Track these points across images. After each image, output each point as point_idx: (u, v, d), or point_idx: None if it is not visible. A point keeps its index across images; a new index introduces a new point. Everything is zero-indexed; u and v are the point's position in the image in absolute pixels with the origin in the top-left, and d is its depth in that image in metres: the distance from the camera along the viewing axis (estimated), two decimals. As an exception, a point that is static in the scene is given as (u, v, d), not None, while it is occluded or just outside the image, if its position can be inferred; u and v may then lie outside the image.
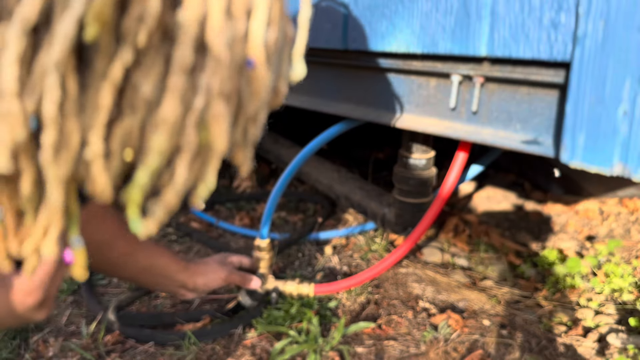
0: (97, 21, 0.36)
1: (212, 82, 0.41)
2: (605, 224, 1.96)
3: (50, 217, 0.44)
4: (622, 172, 0.67)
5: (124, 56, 0.38)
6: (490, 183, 2.39)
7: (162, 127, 0.41)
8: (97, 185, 0.41)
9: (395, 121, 1.07)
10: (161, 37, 0.40)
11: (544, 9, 0.72)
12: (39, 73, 0.37)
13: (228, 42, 0.41)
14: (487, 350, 1.16)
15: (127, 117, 0.40)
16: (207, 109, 0.42)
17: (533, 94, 0.80)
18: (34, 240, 0.46)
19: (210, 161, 0.45)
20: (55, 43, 0.36)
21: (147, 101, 0.40)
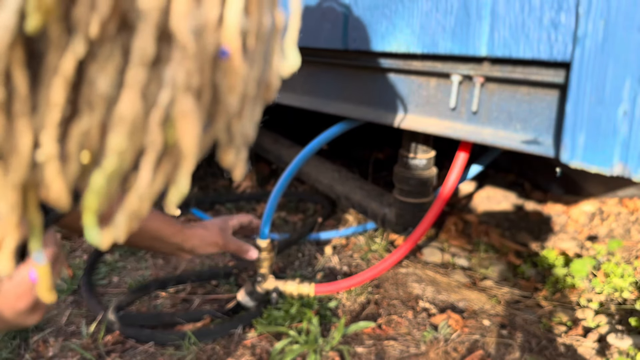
0: (40, 10, 0.32)
1: (178, 75, 0.37)
2: (606, 224, 1.96)
3: (3, 229, 0.39)
4: (622, 172, 0.67)
5: (76, 48, 0.34)
6: (491, 183, 2.39)
7: (120, 126, 0.36)
8: (52, 191, 0.37)
9: (395, 121, 1.07)
10: (118, 26, 0.35)
11: (544, 9, 0.72)
12: None
13: (196, 29, 0.37)
14: (487, 350, 1.16)
15: (83, 115, 0.36)
16: (172, 105, 0.37)
17: (533, 94, 0.80)
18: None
19: (181, 163, 0.40)
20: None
21: (104, 98, 0.36)
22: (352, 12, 1.07)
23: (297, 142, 2.00)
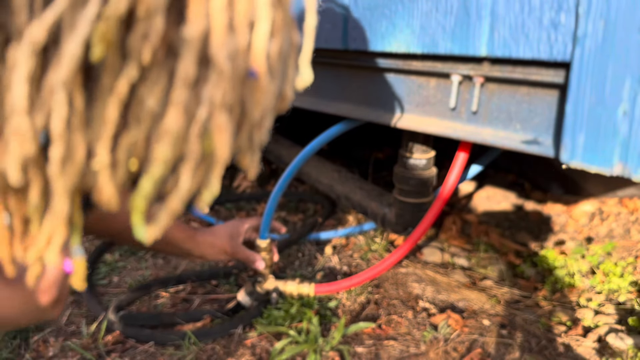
0: (103, 42, 0.38)
1: (215, 94, 0.42)
2: (605, 224, 1.97)
3: (54, 226, 0.45)
4: (622, 172, 0.67)
5: (130, 72, 0.39)
6: (490, 183, 2.39)
7: (165, 138, 0.42)
8: (104, 194, 0.43)
9: (395, 121, 1.07)
10: (165, 52, 0.41)
11: (544, 9, 0.72)
12: (48, 91, 0.39)
13: (230, 54, 0.42)
14: (486, 350, 1.16)
15: (132, 129, 0.42)
16: (210, 120, 0.43)
17: (533, 94, 0.80)
18: (38, 248, 0.47)
19: (213, 168, 0.46)
20: (63, 63, 0.38)
21: (151, 114, 0.41)
22: (352, 12, 1.07)
23: (297, 142, 2.00)
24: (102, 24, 0.37)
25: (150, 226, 0.45)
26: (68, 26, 0.37)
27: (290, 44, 0.50)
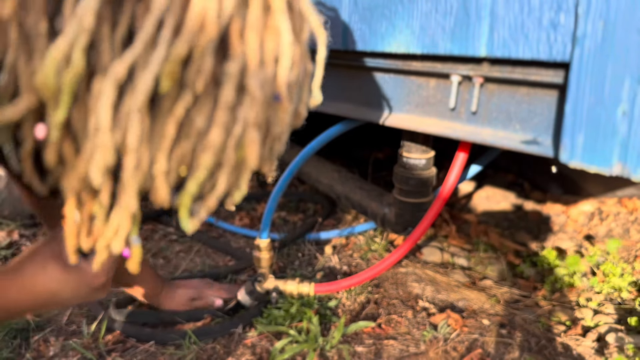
0: (169, 77, 0.49)
1: (248, 115, 0.53)
2: (605, 223, 1.97)
3: (122, 220, 0.56)
4: (621, 172, 0.67)
5: (186, 99, 0.51)
6: (490, 183, 2.39)
7: (209, 150, 0.53)
8: (159, 194, 0.54)
9: (395, 121, 1.07)
10: (212, 83, 0.51)
11: (543, 10, 0.72)
12: (125, 114, 0.49)
13: (261, 83, 0.53)
14: (486, 350, 1.16)
15: (183, 142, 0.52)
16: (243, 135, 0.54)
17: (532, 94, 0.80)
18: (107, 238, 0.58)
19: (244, 174, 0.58)
20: (138, 93, 0.48)
21: (199, 130, 0.52)
22: (351, 12, 1.07)
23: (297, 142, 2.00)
24: (168, 64, 0.48)
25: (192, 219, 0.57)
26: (142, 65, 0.48)
27: (305, 72, 0.61)
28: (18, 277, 0.74)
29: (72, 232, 0.62)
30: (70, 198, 0.57)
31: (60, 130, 0.51)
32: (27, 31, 0.49)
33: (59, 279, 0.75)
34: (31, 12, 0.49)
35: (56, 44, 0.47)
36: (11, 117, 0.51)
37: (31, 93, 0.50)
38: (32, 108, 0.52)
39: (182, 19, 0.48)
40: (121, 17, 0.48)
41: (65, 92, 0.48)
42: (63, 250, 0.76)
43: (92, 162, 0.51)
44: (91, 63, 0.48)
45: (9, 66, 0.51)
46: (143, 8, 0.48)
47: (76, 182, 0.54)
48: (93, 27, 0.47)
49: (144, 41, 0.48)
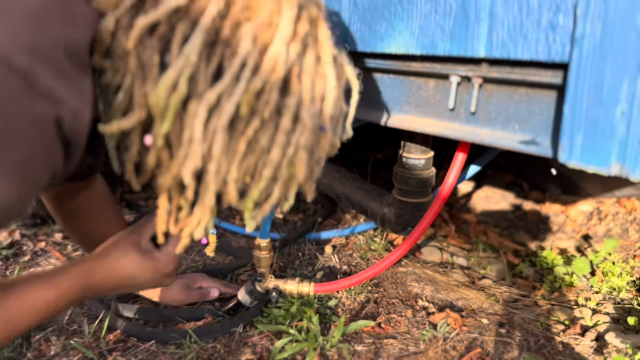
0: (247, 105, 0.63)
1: (300, 140, 0.68)
2: (603, 223, 1.98)
3: (204, 213, 0.71)
4: (620, 172, 0.68)
5: (255, 123, 0.65)
6: (489, 183, 2.40)
7: (270, 165, 0.67)
8: (230, 196, 0.69)
9: (394, 122, 1.07)
10: (275, 112, 0.66)
11: (542, 11, 0.73)
12: (212, 131, 0.63)
13: (311, 116, 0.68)
14: (485, 349, 1.16)
15: (249, 157, 0.67)
16: (295, 155, 0.68)
17: (531, 95, 0.81)
18: (191, 227, 0.74)
19: (292, 187, 0.72)
20: (223, 115, 0.63)
21: (262, 149, 0.67)
22: (351, 13, 1.07)
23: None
24: (247, 95, 0.63)
25: (252, 223, 0.74)
26: (227, 94, 0.62)
27: (341, 110, 0.76)
28: (104, 261, 0.88)
29: (164, 219, 0.76)
30: (162, 193, 0.71)
31: (163, 139, 0.65)
32: (143, 62, 0.63)
33: (138, 265, 0.90)
34: (147, 48, 0.63)
35: (167, 74, 0.61)
36: (126, 126, 0.66)
37: (142, 109, 0.65)
38: (141, 121, 0.66)
39: (259, 62, 0.63)
40: (214, 56, 0.62)
41: (171, 111, 0.63)
42: (141, 240, 0.92)
43: (184, 165, 0.65)
44: (189, 89, 0.62)
45: (125, 87, 0.66)
46: (231, 51, 0.63)
47: (170, 181, 0.69)
48: (196, 62, 0.61)
49: (230, 76, 0.62)
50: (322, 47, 0.70)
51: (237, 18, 0.63)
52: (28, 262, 1.68)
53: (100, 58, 0.68)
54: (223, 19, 0.62)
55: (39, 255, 1.74)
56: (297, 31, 0.66)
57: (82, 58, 0.65)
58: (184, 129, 0.64)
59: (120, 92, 0.67)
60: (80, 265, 0.86)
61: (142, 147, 0.69)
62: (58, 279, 0.82)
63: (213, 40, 0.62)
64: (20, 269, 1.60)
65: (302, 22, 0.66)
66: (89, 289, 0.86)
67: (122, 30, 0.65)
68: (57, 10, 0.61)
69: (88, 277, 0.85)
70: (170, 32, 0.62)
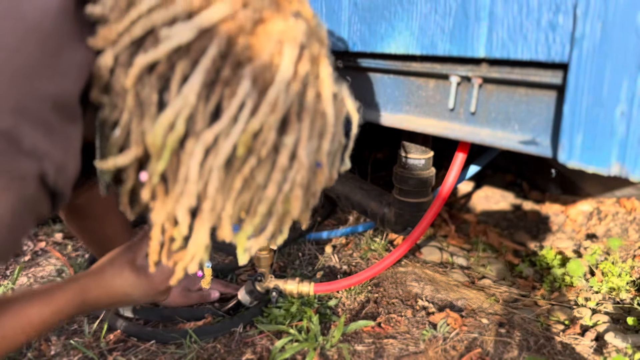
0: (244, 146, 0.63)
1: (297, 177, 0.67)
2: (603, 223, 1.98)
3: (197, 249, 0.71)
4: (620, 172, 0.68)
5: (252, 162, 0.64)
6: (489, 183, 2.40)
7: (265, 201, 0.67)
8: (224, 232, 0.68)
9: (394, 121, 1.07)
10: (272, 150, 0.65)
11: (542, 11, 0.73)
12: (207, 170, 0.63)
13: (309, 154, 0.67)
14: (485, 349, 1.17)
15: (245, 193, 0.66)
16: (290, 192, 0.68)
17: (531, 95, 0.81)
18: (185, 262, 0.74)
19: (286, 222, 0.72)
20: (220, 155, 0.62)
21: (258, 185, 0.66)
22: (351, 13, 1.07)
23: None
24: (244, 135, 0.62)
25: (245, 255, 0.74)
26: (225, 135, 0.62)
27: (339, 144, 0.76)
28: (100, 278, 0.90)
29: (156, 250, 0.76)
30: (156, 225, 0.71)
31: (159, 177, 0.65)
32: (142, 100, 0.63)
33: (133, 283, 0.91)
34: (146, 86, 0.62)
35: (165, 113, 0.61)
36: (122, 163, 0.66)
37: (139, 146, 0.65)
38: (138, 157, 0.66)
39: (258, 103, 0.63)
40: (213, 95, 0.62)
41: (167, 150, 0.63)
42: (136, 258, 0.93)
43: (179, 203, 0.65)
44: (187, 128, 0.62)
45: (123, 124, 0.66)
46: (230, 91, 0.62)
47: (164, 216, 0.69)
48: (194, 104, 0.61)
49: (228, 117, 0.62)
50: (322, 84, 0.69)
51: (238, 58, 0.62)
52: (28, 262, 1.68)
53: (98, 93, 0.67)
54: (224, 59, 0.62)
55: (39, 255, 1.74)
56: (298, 71, 0.65)
57: (71, 108, 0.65)
58: (180, 166, 0.64)
59: (117, 128, 0.67)
60: (76, 283, 0.87)
61: (137, 182, 0.69)
62: (54, 296, 0.83)
63: (213, 80, 0.62)
64: (20, 269, 1.60)
65: (303, 61, 0.66)
66: (84, 305, 0.87)
67: (120, 66, 0.64)
68: (44, 64, 0.61)
69: (84, 294, 0.86)
70: (170, 71, 0.62)
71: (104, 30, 0.64)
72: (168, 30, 0.61)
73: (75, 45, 0.64)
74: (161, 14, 0.62)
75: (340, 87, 0.75)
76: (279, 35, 0.64)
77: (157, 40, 0.62)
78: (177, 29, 0.61)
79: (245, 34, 0.63)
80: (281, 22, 0.65)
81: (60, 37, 0.63)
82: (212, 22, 0.61)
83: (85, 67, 0.65)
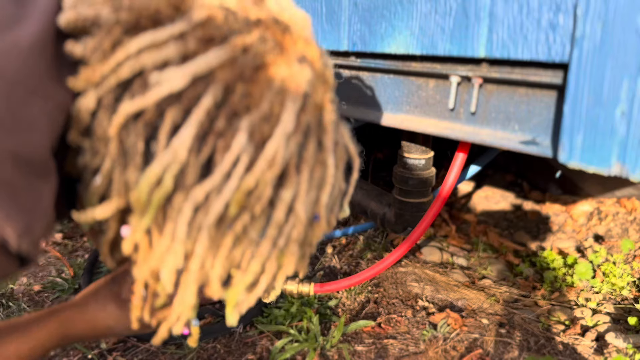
0: (237, 204, 0.57)
1: (293, 233, 0.62)
2: (604, 223, 1.97)
3: (183, 309, 0.66)
4: (620, 172, 0.68)
5: (245, 218, 0.59)
6: (489, 183, 2.40)
7: (258, 258, 0.62)
8: (213, 290, 0.63)
9: (394, 122, 1.07)
10: (268, 205, 0.60)
11: (542, 11, 0.73)
12: (196, 228, 0.58)
13: (307, 208, 0.62)
14: (486, 349, 1.16)
15: (236, 250, 0.61)
16: (285, 248, 0.63)
17: (531, 95, 0.81)
18: (170, 322, 0.68)
19: (280, 277, 0.66)
20: (210, 214, 0.57)
21: (252, 242, 0.61)
22: (351, 13, 1.07)
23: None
24: (238, 193, 0.57)
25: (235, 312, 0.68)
26: (216, 192, 0.57)
27: (339, 191, 0.70)
28: (83, 311, 0.86)
29: (138, 307, 0.72)
30: (138, 281, 0.66)
31: (142, 232, 0.60)
32: (126, 148, 0.58)
33: (117, 317, 0.86)
34: (132, 134, 0.57)
35: (152, 168, 0.56)
36: (101, 216, 0.61)
37: (121, 198, 0.59)
38: (119, 209, 0.60)
39: (255, 158, 0.57)
40: (205, 147, 0.56)
41: (153, 207, 0.57)
42: (121, 291, 0.88)
43: (164, 262, 0.61)
44: (175, 183, 0.57)
45: (104, 172, 0.60)
46: (224, 144, 0.56)
47: (147, 272, 0.63)
48: (185, 160, 0.56)
49: (221, 174, 0.56)
50: (325, 134, 0.64)
51: (235, 107, 0.57)
52: (28, 262, 1.68)
53: (78, 136, 0.61)
54: (219, 108, 0.56)
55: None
56: (300, 123, 0.60)
57: (39, 162, 0.58)
58: (167, 221, 0.59)
59: (98, 175, 0.61)
60: (57, 315, 0.82)
61: (118, 235, 0.64)
62: (33, 331, 0.78)
63: (206, 131, 0.56)
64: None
65: (306, 112, 0.61)
66: (66, 338, 0.83)
67: (103, 109, 0.58)
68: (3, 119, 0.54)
69: (65, 328, 0.82)
70: (159, 119, 0.56)
71: (87, 71, 0.59)
72: (159, 75, 0.55)
73: (49, 89, 0.58)
74: (152, 56, 0.56)
75: (343, 133, 0.70)
76: (282, 83, 0.59)
77: (145, 84, 0.56)
78: (169, 74, 0.55)
79: (245, 81, 0.58)
80: (284, 68, 0.60)
81: (28, 84, 0.56)
82: (208, 68, 0.56)
83: (62, 111, 0.60)
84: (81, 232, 1.92)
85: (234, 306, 0.67)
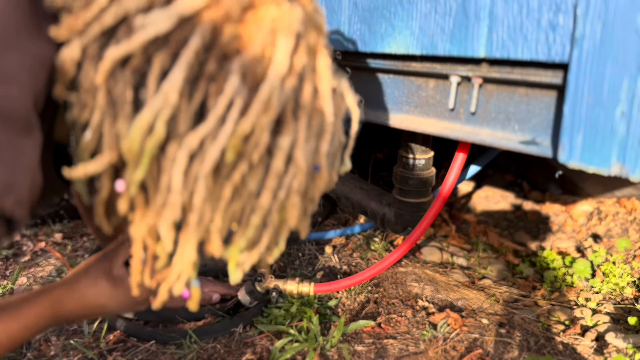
0: (233, 150, 0.55)
1: (294, 183, 0.60)
2: (604, 223, 1.97)
3: (184, 267, 0.63)
4: (620, 172, 0.68)
5: (243, 167, 0.57)
6: (489, 183, 2.40)
7: (258, 211, 0.60)
8: (213, 246, 0.61)
9: (394, 122, 1.07)
10: (266, 153, 0.58)
11: (542, 11, 0.73)
12: (193, 178, 0.55)
13: (306, 156, 0.60)
14: (486, 349, 1.16)
15: (236, 203, 0.59)
16: (287, 199, 0.61)
17: (531, 95, 0.81)
18: (169, 282, 0.65)
19: (283, 233, 0.65)
20: (206, 162, 0.54)
21: (251, 193, 0.59)
22: (351, 13, 1.07)
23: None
24: (234, 139, 0.54)
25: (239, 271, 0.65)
26: (211, 138, 0.54)
27: (339, 143, 0.68)
28: (74, 289, 0.82)
29: (138, 270, 0.68)
30: (136, 241, 0.63)
31: (137, 186, 0.57)
32: (114, 98, 0.55)
33: (109, 294, 0.83)
34: (119, 82, 0.55)
35: (142, 115, 0.53)
36: (93, 171, 0.58)
37: (113, 151, 0.57)
38: (112, 164, 0.58)
39: (249, 101, 0.55)
40: (196, 93, 0.54)
41: (146, 156, 0.54)
42: (113, 267, 0.84)
43: (162, 216, 0.58)
44: (168, 130, 0.54)
45: (94, 126, 0.57)
46: (216, 88, 0.55)
47: (144, 231, 0.61)
48: (176, 103, 0.53)
49: (215, 118, 0.54)
50: (320, 79, 0.61)
51: (225, 50, 0.55)
52: (28, 262, 1.68)
53: (63, 90, 0.59)
54: (208, 51, 0.54)
55: (39, 255, 1.74)
56: (294, 65, 0.58)
57: (18, 117, 0.55)
58: (162, 174, 0.56)
59: (87, 130, 0.58)
60: (48, 294, 0.79)
61: (113, 191, 0.61)
62: (23, 310, 0.75)
63: (196, 75, 0.54)
64: (20, 269, 1.60)
65: (299, 53, 0.58)
66: (57, 318, 0.80)
67: (89, 60, 0.56)
68: None
69: (56, 306, 0.79)
70: (146, 65, 0.54)
71: (69, 18, 0.56)
72: (143, 19, 0.53)
73: (27, 43, 0.56)
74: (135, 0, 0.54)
75: (340, 81, 0.67)
76: (272, 23, 0.57)
77: (130, 29, 0.54)
78: (154, 16, 0.53)
79: (233, 22, 0.55)
80: (274, 8, 0.57)
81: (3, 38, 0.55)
82: (194, 8, 0.54)
83: (43, 65, 0.58)
84: (81, 232, 1.92)
85: (237, 264, 0.64)
